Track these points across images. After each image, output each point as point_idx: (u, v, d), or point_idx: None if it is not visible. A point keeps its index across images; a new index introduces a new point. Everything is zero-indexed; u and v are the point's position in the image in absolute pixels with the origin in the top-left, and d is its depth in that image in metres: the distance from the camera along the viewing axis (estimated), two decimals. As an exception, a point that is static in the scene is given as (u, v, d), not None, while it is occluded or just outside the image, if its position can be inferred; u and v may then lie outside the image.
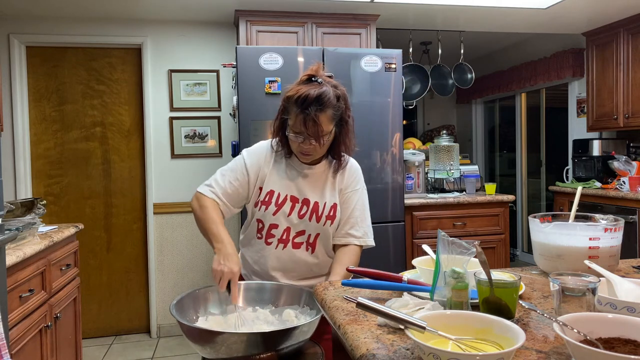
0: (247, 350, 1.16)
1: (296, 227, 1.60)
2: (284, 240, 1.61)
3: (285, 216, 1.59)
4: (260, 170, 1.62)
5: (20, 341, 1.95)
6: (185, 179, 3.75)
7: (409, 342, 0.89)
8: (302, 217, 1.59)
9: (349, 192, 1.66)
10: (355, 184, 1.67)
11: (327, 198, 1.62)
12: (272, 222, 1.60)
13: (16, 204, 2.31)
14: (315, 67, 1.56)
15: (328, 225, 1.61)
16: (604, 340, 0.80)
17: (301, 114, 1.47)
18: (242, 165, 1.63)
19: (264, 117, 2.92)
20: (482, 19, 3.77)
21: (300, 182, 1.62)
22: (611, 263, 1.26)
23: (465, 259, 1.01)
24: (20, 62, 3.51)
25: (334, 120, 1.52)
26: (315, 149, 1.53)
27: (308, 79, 1.53)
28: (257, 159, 1.64)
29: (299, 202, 1.60)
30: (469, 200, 3.43)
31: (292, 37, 3.42)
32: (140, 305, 3.79)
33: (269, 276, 1.62)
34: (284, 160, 1.64)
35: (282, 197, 1.60)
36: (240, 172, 1.63)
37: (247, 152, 1.68)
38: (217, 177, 1.65)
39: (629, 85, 3.74)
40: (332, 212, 1.61)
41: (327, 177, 1.64)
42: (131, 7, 3.35)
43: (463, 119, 6.35)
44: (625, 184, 3.62)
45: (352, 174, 1.67)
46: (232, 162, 1.68)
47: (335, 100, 1.50)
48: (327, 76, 1.56)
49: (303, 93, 1.47)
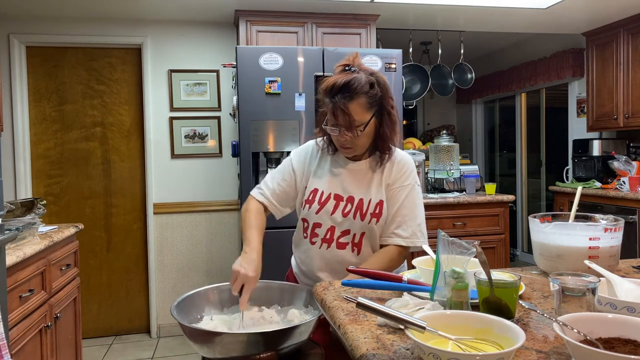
0: (246, 350, 1.16)
1: (340, 226, 1.55)
2: (328, 240, 1.56)
3: (329, 215, 1.54)
4: (305, 169, 1.61)
5: (20, 341, 1.95)
6: (185, 179, 3.75)
7: (409, 342, 0.89)
8: (346, 215, 1.53)
9: (396, 188, 1.55)
10: (405, 179, 1.55)
11: (373, 194, 1.54)
12: (316, 220, 1.56)
13: (16, 204, 2.31)
14: (353, 56, 1.49)
15: (374, 223, 1.52)
16: (604, 340, 0.80)
17: (330, 103, 1.43)
18: (289, 165, 1.63)
19: (264, 117, 2.92)
20: (482, 19, 3.76)
21: (345, 178, 1.56)
22: (611, 263, 1.26)
23: (465, 259, 1.01)
24: (20, 62, 3.51)
25: (370, 109, 1.44)
26: (352, 141, 1.46)
27: (342, 69, 1.47)
28: (303, 158, 1.63)
29: (343, 200, 1.54)
30: (469, 200, 3.43)
31: (292, 37, 3.42)
32: (140, 305, 3.79)
33: (315, 277, 1.59)
34: (329, 158, 1.60)
35: (325, 195, 1.56)
36: (288, 172, 1.62)
37: (295, 152, 1.67)
38: (267, 179, 1.65)
39: (629, 85, 3.74)
40: (377, 209, 1.53)
41: (374, 172, 1.56)
42: (131, 7, 3.35)
43: (463, 119, 6.35)
44: (625, 184, 3.62)
45: (400, 168, 1.56)
46: (281, 164, 1.68)
47: (368, 87, 1.42)
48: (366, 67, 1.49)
49: (331, 82, 1.42)
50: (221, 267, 3.81)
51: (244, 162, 2.92)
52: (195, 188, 3.76)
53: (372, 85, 1.44)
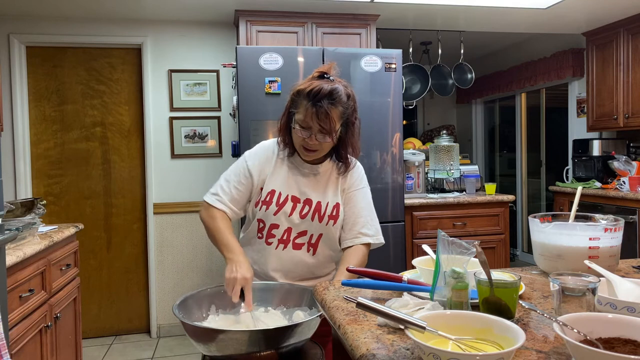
0: (248, 348, 1.16)
1: (298, 228, 1.59)
2: (285, 241, 1.59)
3: (286, 216, 1.58)
4: (262, 171, 1.61)
5: (20, 341, 1.95)
6: (185, 179, 3.75)
7: (409, 342, 0.89)
8: (304, 217, 1.58)
9: (353, 191, 1.64)
10: (359, 183, 1.66)
11: (330, 198, 1.61)
12: (273, 222, 1.58)
13: (16, 204, 2.31)
14: (328, 66, 1.57)
15: (331, 225, 1.59)
16: (604, 340, 0.80)
17: (313, 107, 1.46)
18: (244, 167, 1.63)
19: (264, 117, 2.92)
20: (482, 19, 3.77)
21: (303, 181, 1.60)
22: (611, 263, 1.26)
23: (465, 259, 1.00)
24: (20, 62, 3.51)
25: (341, 119, 1.51)
26: (320, 145, 1.51)
27: (320, 76, 1.54)
28: (259, 159, 1.63)
29: (300, 202, 1.59)
30: (469, 200, 3.43)
31: (292, 37, 3.42)
32: (140, 305, 3.79)
33: (268, 276, 1.61)
34: (287, 160, 1.62)
35: (283, 196, 1.58)
36: (243, 175, 1.62)
37: (249, 153, 1.67)
38: (221, 183, 1.64)
39: (629, 85, 3.74)
40: (334, 211, 1.60)
41: (331, 177, 1.63)
42: (131, 7, 3.35)
43: (463, 119, 6.35)
44: (625, 184, 3.62)
45: (355, 173, 1.66)
46: (234, 166, 1.67)
47: (346, 98, 1.50)
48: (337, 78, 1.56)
49: (316, 86, 1.47)
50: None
51: (244, 162, 2.92)
52: (195, 188, 3.76)
53: (348, 96, 1.52)
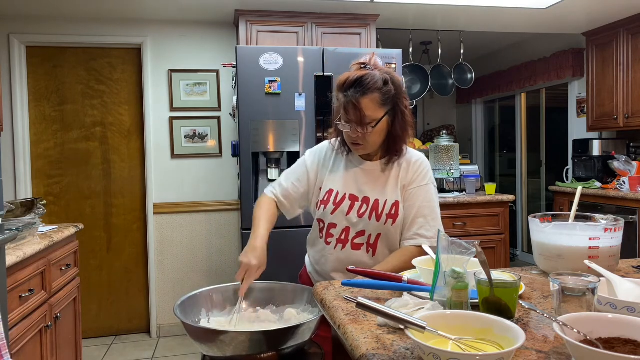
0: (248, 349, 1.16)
1: (356, 227, 1.54)
2: (343, 241, 1.55)
3: (344, 215, 1.54)
4: (320, 169, 1.61)
5: (20, 341, 1.95)
6: (185, 179, 3.75)
7: (409, 342, 0.89)
8: (361, 216, 1.52)
9: (413, 189, 1.53)
10: (422, 180, 1.54)
11: (388, 195, 1.52)
12: (331, 221, 1.56)
13: (16, 204, 2.31)
14: (370, 56, 1.50)
15: (390, 224, 1.51)
16: (604, 340, 0.80)
17: (343, 98, 1.43)
18: (303, 165, 1.64)
19: (264, 117, 2.92)
20: (482, 19, 3.76)
21: (360, 179, 1.55)
22: (611, 263, 1.26)
23: (465, 259, 1.00)
24: (20, 62, 3.51)
25: (384, 107, 1.44)
26: (363, 137, 1.45)
27: (359, 67, 1.48)
28: (318, 158, 1.63)
29: (358, 201, 1.53)
30: (469, 200, 3.43)
31: (292, 37, 3.42)
32: (140, 305, 3.79)
33: (329, 277, 1.59)
34: (344, 158, 1.59)
35: (340, 195, 1.55)
36: (302, 172, 1.62)
37: (310, 152, 1.67)
38: (281, 179, 1.65)
39: (629, 85, 3.74)
40: (393, 210, 1.51)
41: (389, 172, 1.55)
42: (131, 7, 3.35)
43: (463, 119, 6.35)
44: (625, 184, 3.62)
45: (417, 169, 1.55)
46: (295, 164, 1.67)
47: (382, 84, 1.42)
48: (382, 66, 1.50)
49: (344, 77, 1.44)
50: (221, 267, 3.81)
51: (244, 162, 2.92)
52: (195, 188, 3.76)
53: (385, 82, 1.43)
